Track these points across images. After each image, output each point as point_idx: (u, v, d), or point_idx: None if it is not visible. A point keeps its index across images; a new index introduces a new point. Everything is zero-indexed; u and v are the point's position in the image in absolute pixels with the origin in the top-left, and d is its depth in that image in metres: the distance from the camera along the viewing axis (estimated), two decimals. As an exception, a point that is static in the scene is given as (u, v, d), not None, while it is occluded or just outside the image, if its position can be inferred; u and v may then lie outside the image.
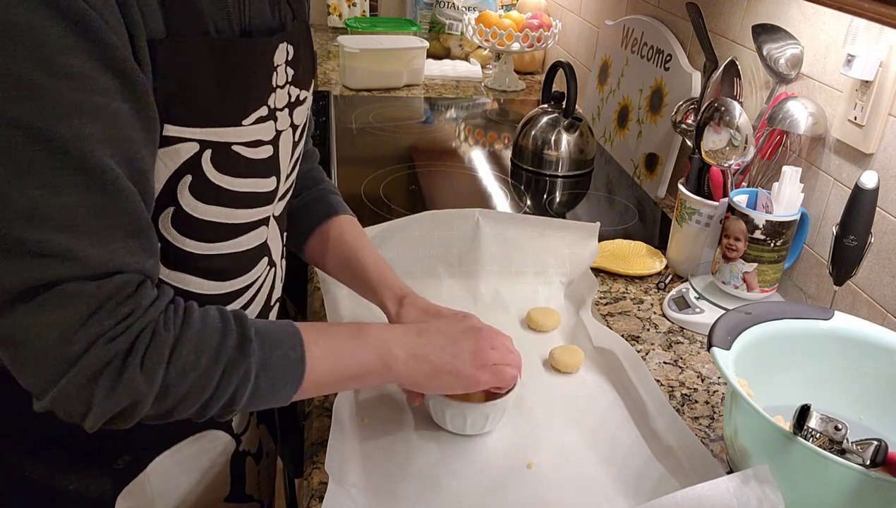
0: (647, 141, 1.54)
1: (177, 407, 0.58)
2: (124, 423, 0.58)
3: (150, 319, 0.56)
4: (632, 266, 1.15)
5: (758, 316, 0.79)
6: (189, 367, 0.57)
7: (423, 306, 0.83)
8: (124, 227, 0.55)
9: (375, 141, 1.67)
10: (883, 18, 0.67)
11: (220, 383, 0.59)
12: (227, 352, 0.59)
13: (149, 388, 0.56)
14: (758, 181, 1.13)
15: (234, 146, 0.64)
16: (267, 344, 0.62)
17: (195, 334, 0.59)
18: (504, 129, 1.82)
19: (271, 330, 0.64)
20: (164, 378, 0.56)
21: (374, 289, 0.86)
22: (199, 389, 0.58)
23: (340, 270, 0.90)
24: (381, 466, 0.75)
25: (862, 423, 0.80)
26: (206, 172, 0.63)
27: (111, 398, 0.55)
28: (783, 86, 1.11)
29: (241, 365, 0.60)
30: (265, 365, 0.62)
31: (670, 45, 1.48)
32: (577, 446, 0.79)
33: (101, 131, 0.52)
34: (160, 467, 0.74)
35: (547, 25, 2.05)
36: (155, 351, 0.56)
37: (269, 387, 0.62)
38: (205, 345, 0.59)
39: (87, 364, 0.54)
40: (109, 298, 0.54)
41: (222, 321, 0.61)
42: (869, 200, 0.86)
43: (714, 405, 0.88)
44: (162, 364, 0.56)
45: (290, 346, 0.64)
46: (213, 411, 0.61)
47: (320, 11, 2.74)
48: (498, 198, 1.41)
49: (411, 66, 2.10)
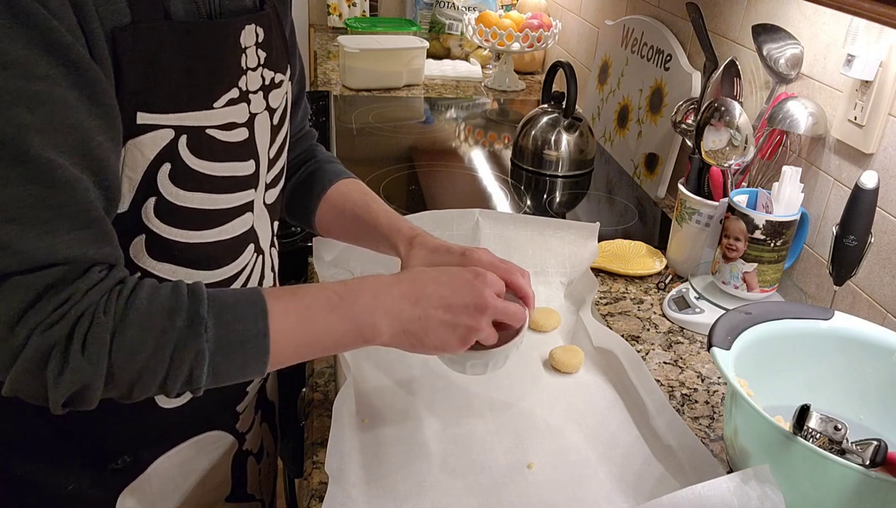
0: (647, 141, 1.54)
1: (134, 387, 0.57)
2: (86, 405, 0.57)
3: (88, 304, 0.55)
4: (632, 266, 1.15)
5: (758, 316, 0.79)
6: (135, 349, 0.56)
7: (433, 245, 0.79)
8: (70, 218, 0.54)
9: (375, 141, 1.67)
10: (883, 18, 0.67)
11: (171, 363, 0.57)
12: (175, 332, 0.57)
13: (94, 372, 0.55)
14: (758, 181, 1.13)
15: (207, 130, 0.64)
16: (224, 318, 0.59)
17: (140, 315, 0.57)
18: (504, 129, 1.82)
19: (232, 303, 0.60)
20: (110, 361, 0.55)
21: (387, 235, 0.83)
22: (150, 370, 0.57)
23: (352, 229, 0.88)
24: (381, 466, 0.75)
25: (862, 423, 0.80)
26: (183, 158, 0.62)
27: (60, 383, 0.54)
28: (783, 86, 1.11)
29: (192, 345, 0.57)
30: (222, 342, 0.59)
31: (670, 45, 1.48)
32: (577, 446, 0.79)
33: (41, 120, 0.51)
34: (162, 467, 0.74)
35: (547, 25, 2.05)
36: (95, 335, 0.55)
37: (229, 364, 0.60)
38: (150, 326, 0.57)
39: (30, 353, 0.54)
40: (49, 287, 0.54)
41: (173, 298, 0.58)
42: (869, 200, 0.86)
43: (714, 405, 0.88)
44: (104, 347, 0.55)
45: (252, 320, 0.60)
46: (176, 389, 0.59)
47: (320, 11, 2.74)
48: (498, 198, 1.41)
49: (411, 66, 2.10)
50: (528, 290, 0.76)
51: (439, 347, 0.68)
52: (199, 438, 0.77)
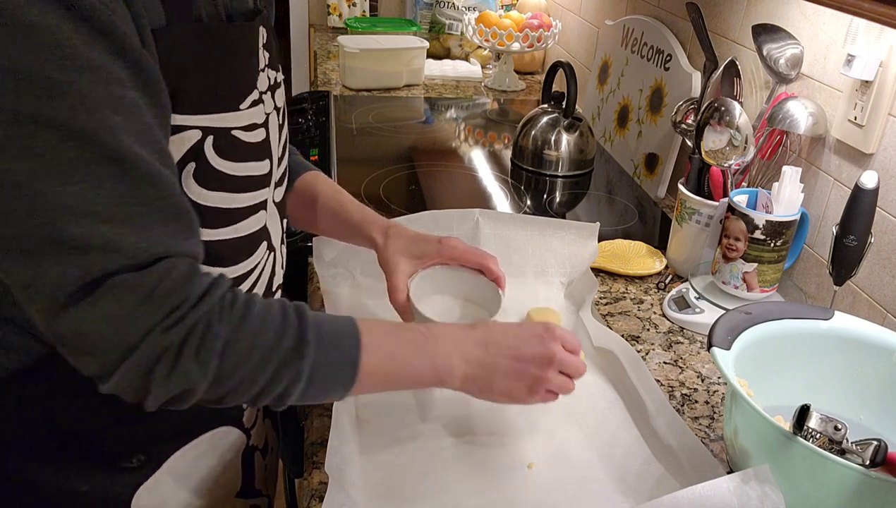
0: (647, 141, 1.54)
1: (229, 394, 0.60)
2: (181, 405, 0.60)
3: (203, 313, 0.58)
4: (632, 266, 1.15)
5: (758, 316, 0.79)
6: (242, 360, 0.59)
7: (410, 235, 0.87)
8: (163, 211, 0.56)
9: (375, 141, 1.67)
10: (883, 18, 0.67)
11: (271, 379, 0.61)
12: (282, 352, 0.61)
13: (202, 377, 0.58)
14: (758, 181, 1.13)
15: (233, 131, 0.65)
16: (324, 344, 0.63)
17: (253, 329, 0.60)
18: (504, 129, 1.82)
19: (331, 330, 0.64)
20: (218, 369, 0.58)
21: (360, 226, 0.88)
22: (249, 382, 0.60)
23: (324, 220, 0.92)
24: (381, 466, 0.75)
25: (862, 423, 0.80)
26: (208, 159, 0.64)
27: (167, 384, 0.57)
28: (783, 86, 1.11)
29: (295, 365, 0.61)
30: (319, 366, 0.62)
31: (670, 45, 1.48)
32: (577, 446, 0.79)
33: (123, 121, 0.53)
34: (175, 464, 0.75)
35: (547, 25, 2.05)
36: (209, 342, 0.57)
37: (318, 388, 0.64)
38: (260, 341, 0.60)
39: (143, 353, 0.55)
40: (156, 287, 0.55)
41: (282, 318, 0.62)
42: (869, 200, 0.86)
43: (714, 405, 0.88)
44: (215, 356, 0.58)
45: (347, 349, 0.64)
46: (263, 403, 0.63)
47: (320, 11, 2.74)
48: (498, 198, 1.41)
49: (411, 66, 2.10)
50: (499, 273, 0.87)
51: (506, 394, 0.71)
52: (209, 434, 0.77)
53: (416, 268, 0.87)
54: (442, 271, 0.89)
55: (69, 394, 0.67)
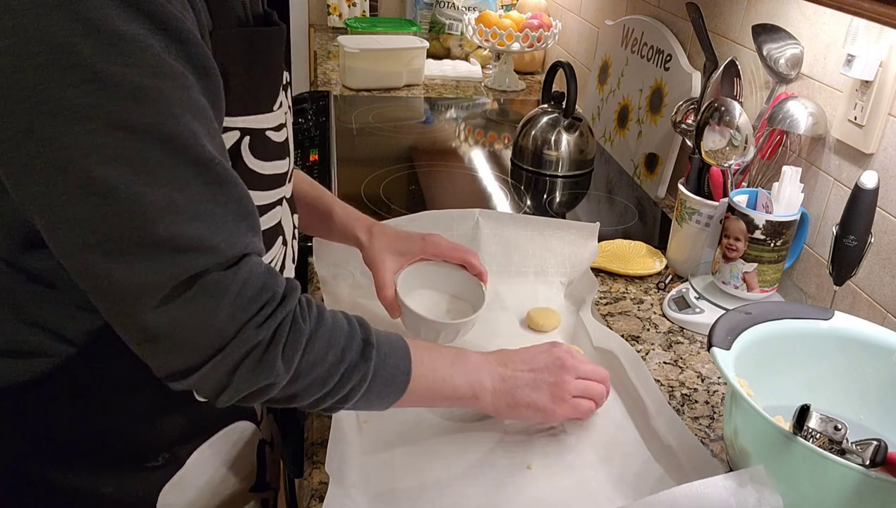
0: (647, 141, 1.54)
1: (300, 393, 0.63)
2: (253, 401, 0.61)
3: (290, 309, 0.60)
4: (632, 266, 1.15)
5: (758, 316, 0.79)
6: (319, 359, 0.62)
7: (393, 233, 0.90)
8: (236, 211, 0.58)
9: (375, 141, 1.67)
10: (883, 18, 0.67)
11: (340, 380, 0.63)
12: (352, 353, 0.64)
13: (286, 373, 0.60)
14: (758, 181, 1.13)
15: (266, 131, 0.67)
16: (383, 351, 0.66)
17: (328, 331, 0.63)
18: (504, 129, 1.82)
19: (386, 340, 0.68)
20: (298, 365, 0.61)
21: (343, 224, 0.91)
22: (321, 381, 0.63)
23: (307, 217, 0.93)
24: (381, 466, 0.75)
25: (862, 423, 0.80)
26: (244, 159, 0.66)
27: (250, 378, 0.59)
28: (783, 86, 1.11)
29: (362, 367, 0.64)
30: (379, 372, 0.66)
31: (670, 45, 1.48)
32: (577, 446, 0.79)
33: (201, 124, 0.55)
34: (198, 461, 0.75)
35: (547, 25, 2.05)
36: (295, 339, 0.60)
37: (377, 392, 0.67)
38: (334, 342, 0.63)
39: (234, 349, 0.57)
40: (245, 284, 0.57)
41: (349, 323, 0.66)
42: (869, 200, 0.86)
43: (714, 405, 0.88)
44: (299, 352, 0.60)
45: (401, 358, 0.68)
46: (327, 404, 0.65)
47: (320, 11, 2.74)
48: (498, 198, 1.41)
49: (411, 66, 2.10)
50: (481, 268, 0.91)
51: (532, 406, 0.76)
52: (229, 428, 0.77)
53: (401, 265, 0.90)
54: (427, 267, 0.92)
55: (96, 396, 0.67)
